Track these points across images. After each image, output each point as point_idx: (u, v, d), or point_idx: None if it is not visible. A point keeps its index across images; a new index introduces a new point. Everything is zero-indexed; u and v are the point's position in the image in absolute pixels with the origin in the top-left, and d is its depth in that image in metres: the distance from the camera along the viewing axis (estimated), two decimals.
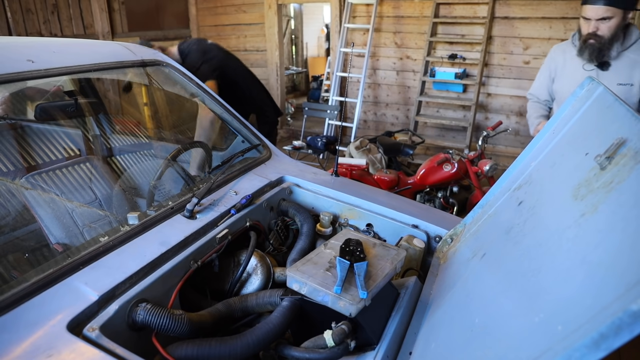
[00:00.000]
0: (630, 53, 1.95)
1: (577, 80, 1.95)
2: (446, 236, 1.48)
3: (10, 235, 1.50)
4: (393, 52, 5.46)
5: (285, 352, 1.05)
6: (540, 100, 2.35)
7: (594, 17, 1.89)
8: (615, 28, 1.89)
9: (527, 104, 2.43)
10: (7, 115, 1.85)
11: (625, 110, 0.90)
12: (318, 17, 9.92)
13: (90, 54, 1.65)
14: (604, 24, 1.88)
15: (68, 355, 0.85)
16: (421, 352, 1.00)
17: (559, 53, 2.20)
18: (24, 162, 1.77)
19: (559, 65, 2.18)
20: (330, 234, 1.60)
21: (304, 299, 1.07)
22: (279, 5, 6.13)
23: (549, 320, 0.67)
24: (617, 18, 1.86)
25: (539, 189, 1.10)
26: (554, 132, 1.18)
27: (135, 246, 1.18)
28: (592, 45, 1.93)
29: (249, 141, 2.01)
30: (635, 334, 0.48)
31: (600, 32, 1.91)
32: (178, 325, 0.99)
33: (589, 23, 1.91)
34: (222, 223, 1.37)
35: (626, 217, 0.70)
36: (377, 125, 5.89)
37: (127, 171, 2.04)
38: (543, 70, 2.32)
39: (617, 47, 1.93)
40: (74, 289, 1.00)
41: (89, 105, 2.03)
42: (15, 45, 1.55)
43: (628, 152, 0.80)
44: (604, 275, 0.64)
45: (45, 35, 5.09)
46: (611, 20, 1.87)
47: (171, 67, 1.94)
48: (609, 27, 1.89)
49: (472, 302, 0.99)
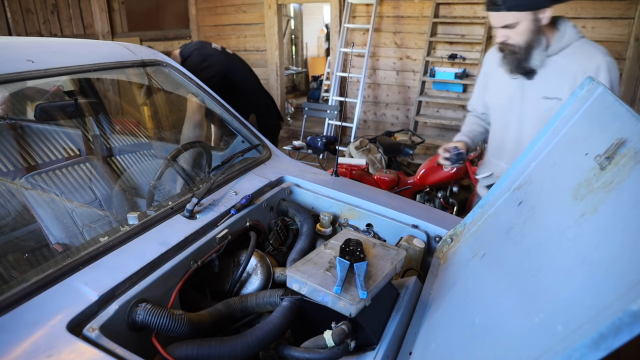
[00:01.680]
0: (561, 58, 1.59)
1: (505, 91, 1.74)
2: (446, 236, 1.48)
3: (10, 235, 1.49)
4: (393, 52, 5.46)
5: (285, 352, 1.05)
6: (477, 112, 1.98)
7: (496, 25, 1.58)
8: (527, 33, 1.55)
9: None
10: (7, 115, 1.85)
11: (625, 110, 0.90)
12: (318, 17, 9.93)
13: (90, 54, 1.65)
14: (512, 31, 1.56)
15: (68, 355, 0.85)
16: (421, 352, 1.00)
17: (491, 59, 1.84)
18: (24, 162, 1.77)
19: (490, 72, 1.84)
20: (330, 234, 1.60)
21: (304, 299, 1.07)
22: (279, 5, 6.12)
23: (549, 320, 0.67)
24: (525, 22, 1.53)
25: (539, 189, 1.10)
26: (554, 132, 1.18)
27: (135, 246, 1.18)
28: (508, 55, 1.63)
29: (249, 141, 2.01)
30: (635, 334, 0.48)
31: (511, 40, 1.58)
32: (178, 325, 0.99)
33: (497, 31, 1.61)
34: (222, 223, 1.37)
35: (626, 217, 0.70)
36: (377, 125, 5.89)
37: (127, 171, 2.04)
38: (479, 78, 1.96)
39: (538, 53, 1.59)
40: (74, 289, 1.00)
41: (88, 105, 2.03)
42: (15, 45, 1.55)
43: (628, 152, 0.80)
44: (604, 275, 0.64)
45: (45, 35, 5.09)
46: (518, 25, 1.54)
47: (171, 67, 1.95)
48: (519, 34, 1.56)
49: (472, 302, 0.99)
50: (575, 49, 1.59)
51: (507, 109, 1.74)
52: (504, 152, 1.80)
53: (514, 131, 1.74)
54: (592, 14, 4.30)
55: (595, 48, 1.57)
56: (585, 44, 1.59)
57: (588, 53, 1.56)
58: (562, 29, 1.61)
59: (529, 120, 1.68)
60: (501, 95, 1.77)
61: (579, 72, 1.55)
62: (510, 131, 1.75)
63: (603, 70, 1.53)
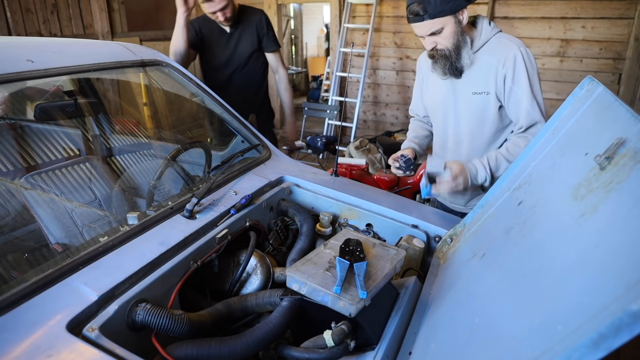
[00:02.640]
0: (483, 55, 1.64)
1: (438, 92, 1.80)
2: (446, 236, 1.48)
3: (10, 235, 1.49)
4: (393, 52, 5.46)
5: (285, 352, 1.05)
6: (420, 117, 2.02)
7: (423, 34, 1.59)
8: (453, 36, 1.57)
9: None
10: (6, 115, 1.85)
11: (625, 110, 0.90)
12: (318, 17, 9.93)
13: (89, 54, 1.65)
14: (440, 37, 1.58)
15: (68, 355, 0.85)
16: (421, 352, 1.00)
17: (422, 63, 1.87)
18: (24, 162, 1.77)
19: (423, 76, 1.89)
20: (330, 234, 1.60)
21: (303, 299, 1.07)
22: (279, 5, 6.12)
23: (549, 320, 0.67)
24: (449, 26, 1.55)
25: (539, 189, 1.10)
26: (553, 132, 1.18)
27: (134, 246, 1.18)
28: (440, 60, 1.64)
29: (249, 141, 2.01)
30: (634, 334, 0.48)
31: (440, 45, 1.60)
32: (178, 325, 0.99)
33: (424, 40, 1.62)
34: (221, 223, 1.37)
35: (626, 217, 0.70)
36: (377, 125, 5.89)
37: (127, 171, 2.04)
38: (416, 82, 1.98)
39: (466, 52, 1.62)
40: (74, 289, 1.00)
41: (88, 105, 2.03)
42: (14, 45, 1.55)
43: (628, 152, 0.80)
44: (603, 275, 0.64)
45: (45, 35, 5.09)
46: (444, 30, 1.56)
47: (171, 67, 1.95)
48: (445, 38, 1.58)
49: (472, 302, 0.99)
50: (493, 43, 1.65)
51: (442, 109, 1.80)
52: (446, 151, 1.86)
53: (452, 128, 1.80)
54: (592, 14, 4.30)
55: (510, 40, 1.63)
56: (501, 38, 1.65)
57: (503, 46, 1.62)
58: (479, 27, 1.67)
59: (463, 116, 1.74)
60: (436, 97, 1.82)
61: (499, 64, 1.60)
62: (449, 129, 1.81)
63: (519, 61, 1.58)
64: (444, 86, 1.76)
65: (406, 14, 1.59)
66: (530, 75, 1.58)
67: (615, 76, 4.43)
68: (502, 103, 1.66)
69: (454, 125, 1.78)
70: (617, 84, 4.43)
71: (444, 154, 1.87)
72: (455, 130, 1.79)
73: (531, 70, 1.59)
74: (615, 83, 4.44)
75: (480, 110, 1.69)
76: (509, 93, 1.62)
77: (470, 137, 1.75)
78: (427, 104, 1.90)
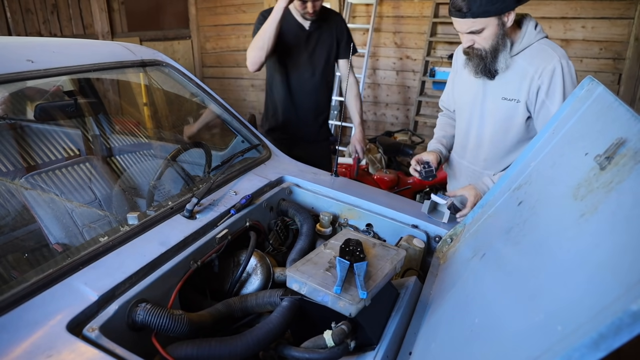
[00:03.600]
0: (521, 60, 1.56)
1: (469, 90, 1.74)
2: (446, 236, 1.48)
3: (10, 235, 1.49)
4: (393, 52, 5.46)
5: (285, 352, 1.05)
6: (450, 111, 1.96)
7: (462, 31, 1.53)
8: (493, 38, 1.51)
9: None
10: (6, 115, 1.85)
11: (625, 110, 0.90)
12: None
13: (89, 54, 1.65)
14: (479, 37, 1.51)
15: (68, 355, 0.85)
16: (421, 352, 1.00)
17: (458, 58, 1.82)
18: (24, 162, 1.77)
19: (458, 69, 1.82)
20: (330, 234, 1.60)
21: (303, 299, 1.07)
22: None
23: (549, 320, 0.67)
24: (490, 28, 1.48)
25: (539, 189, 1.10)
26: (553, 132, 1.18)
27: (134, 246, 1.18)
28: (474, 59, 1.59)
29: (249, 141, 2.01)
30: (635, 334, 0.48)
31: (477, 45, 1.54)
32: (178, 326, 0.99)
33: (462, 37, 1.56)
34: (221, 223, 1.37)
35: (626, 217, 0.70)
36: (377, 125, 5.89)
37: (127, 171, 2.04)
38: (450, 75, 1.91)
39: (504, 56, 1.54)
40: (74, 289, 1.00)
41: (88, 105, 2.03)
42: (14, 45, 1.55)
43: (628, 152, 0.80)
44: (603, 275, 0.64)
45: (45, 35, 5.09)
46: (484, 31, 1.49)
47: (171, 67, 1.95)
48: (485, 39, 1.51)
49: (472, 302, 0.99)
50: (534, 49, 1.56)
51: (469, 108, 1.75)
52: (466, 152, 1.81)
53: (475, 130, 1.75)
54: (592, 14, 4.30)
55: (553, 50, 1.54)
56: (544, 45, 1.56)
57: (545, 54, 1.53)
58: (523, 29, 1.57)
59: (489, 120, 1.69)
60: (466, 95, 1.77)
61: (536, 74, 1.53)
62: (472, 130, 1.76)
63: (557, 75, 1.50)
64: (475, 85, 1.69)
65: (449, 6, 1.53)
66: (566, 91, 1.49)
67: (615, 76, 4.42)
68: (531, 114, 1.58)
69: (478, 127, 1.73)
70: (617, 84, 4.42)
71: (463, 153, 1.83)
72: (479, 132, 1.73)
73: (569, 85, 1.50)
74: (615, 83, 4.43)
75: (506, 117, 1.62)
76: (540, 106, 1.54)
77: (492, 142, 1.70)
78: (457, 100, 1.85)
